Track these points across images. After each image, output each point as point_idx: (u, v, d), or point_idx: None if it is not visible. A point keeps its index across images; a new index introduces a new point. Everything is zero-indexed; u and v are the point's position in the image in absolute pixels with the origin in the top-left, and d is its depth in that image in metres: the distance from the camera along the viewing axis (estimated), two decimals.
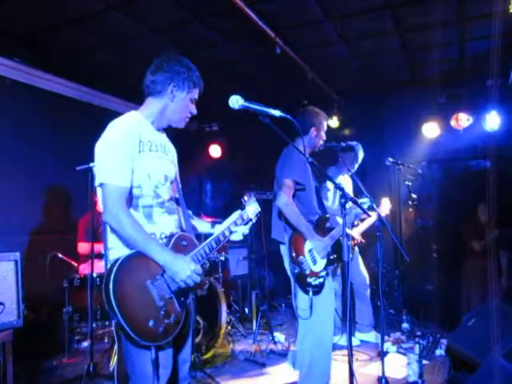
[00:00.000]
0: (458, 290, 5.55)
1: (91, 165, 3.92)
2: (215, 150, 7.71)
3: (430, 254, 5.60)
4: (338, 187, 2.51)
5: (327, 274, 3.41)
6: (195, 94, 2.36)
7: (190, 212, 2.51)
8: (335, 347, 4.84)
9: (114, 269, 1.93)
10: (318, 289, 3.35)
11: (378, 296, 5.79)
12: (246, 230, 2.52)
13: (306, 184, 3.40)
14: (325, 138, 3.63)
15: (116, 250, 2.12)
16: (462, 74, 5.97)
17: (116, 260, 1.98)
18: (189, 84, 2.31)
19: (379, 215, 3.11)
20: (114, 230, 2.09)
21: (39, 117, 5.16)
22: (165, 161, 2.32)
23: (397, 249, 6.11)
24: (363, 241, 5.12)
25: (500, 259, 5.48)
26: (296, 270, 3.28)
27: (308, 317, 3.30)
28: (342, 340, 4.97)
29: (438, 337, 4.72)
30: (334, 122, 6.70)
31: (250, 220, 2.55)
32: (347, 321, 2.48)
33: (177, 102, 2.31)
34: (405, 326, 5.12)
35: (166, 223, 2.25)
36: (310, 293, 3.29)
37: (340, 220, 4.68)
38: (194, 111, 2.39)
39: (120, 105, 5.90)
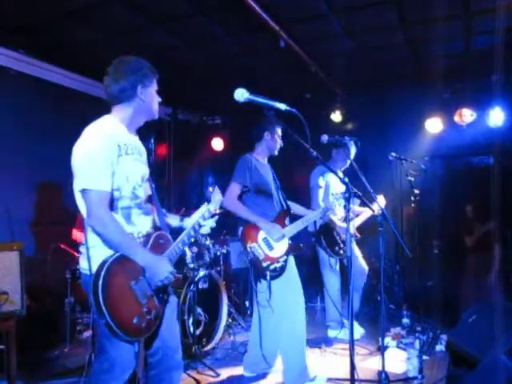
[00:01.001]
0: (459, 286, 5.56)
1: None
2: (218, 143, 7.69)
3: (432, 249, 5.61)
4: (343, 182, 2.52)
5: (286, 261, 3.65)
6: (156, 83, 2.46)
7: (164, 210, 2.63)
8: (335, 341, 4.90)
9: (102, 273, 2.06)
10: (278, 273, 3.59)
11: (378, 291, 5.81)
12: (212, 223, 2.70)
13: (253, 186, 3.75)
14: (281, 143, 3.95)
15: (97, 248, 2.21)
16: (466, 69, 5.94)
17: (102, 264, 2.09)
18: (150, 78, 2.41)
19: (382, 210, 3.12)
20: (97, 233, 2.17)
21: (43, 108, 5.15)
22: (140, 163, 2.41)
23: (397, 244, 6.11)
24: (358, 235, 5.14)
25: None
26: (249, 257, 3.55)
27: (266, 304, 3.57)
28: (341, 334, 5.00)
29: (438, 332, 4.73)
30: (337, 117, 6.68)
31: (216, 213, 2.73)
32: (349, 315, 2.49)
33: (147, 99, 2.40)
34: (405, 321, 5.13)
35: (144, 224, 2.38)
36: (268, 276, 3.56)
37: (332, 216, 4.77)
38: (159, 99, 2.50)
39: None
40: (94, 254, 2.18)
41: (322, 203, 4.87)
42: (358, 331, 4.98)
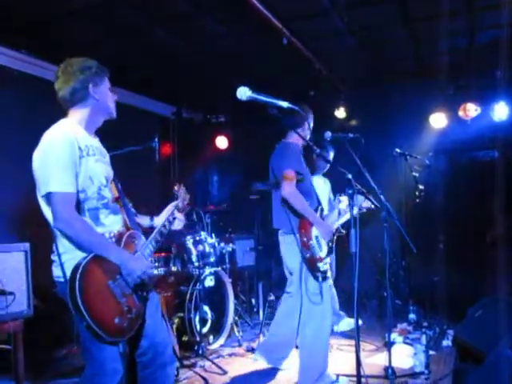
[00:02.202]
0: (465, 281, 5.55)
1: None
2: (222, 142, 7.69)
3: (437, 244, 5.59)
4: (347, 179, 2.52)
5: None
6: (108, 81, 2.44)
7: (134, 210, 2.62)
8: (341, 335, 4.92)
9: (77, 276, 2.03)
10: (325, 275, 3.51)
11: (384, 287, 5.80)
12: (182, 218, 2.76)
13: (304, 174, 3.57)
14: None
15: (69, 253, 2.19)
16: (470, 65, 5.92)
17: (76, 267, 2.06)
18: (100, 76, 2.39)
19: (387, 206, 3.12)
20: (66, 236, 2.16)
21: (47, 108, 5.15)
22: (103, 163, 2.39)
23: (403, 239, 6.09)
24: (343, 231, 5.15)
25: None
26: (307, 255, 3.40)
27: (320, 302, 3.43)
28: (341, 326, 5.06)
29: (445, 328, 4.73)
30: (341, 113, 6.66)
31: (184, 209, 2.81)
32: (355, 312, 2.50)
33: (101, 98, 2.38)
34: (411, 316, 5.14)
35: (113, 223, 2.34)
36: (320, 278, 3.44)
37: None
38: (115, 96, 2.47)
39: (125, 96, 5.90)
40: (66, 260, 2.16)
41: None
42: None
